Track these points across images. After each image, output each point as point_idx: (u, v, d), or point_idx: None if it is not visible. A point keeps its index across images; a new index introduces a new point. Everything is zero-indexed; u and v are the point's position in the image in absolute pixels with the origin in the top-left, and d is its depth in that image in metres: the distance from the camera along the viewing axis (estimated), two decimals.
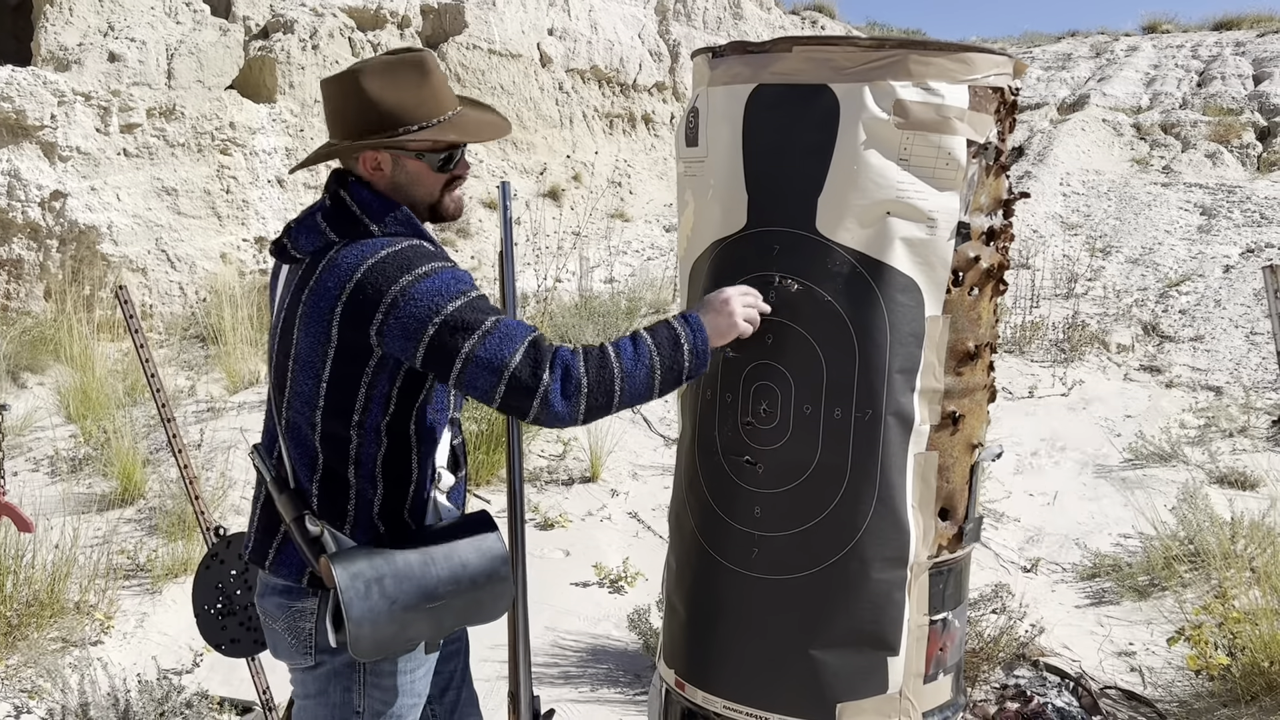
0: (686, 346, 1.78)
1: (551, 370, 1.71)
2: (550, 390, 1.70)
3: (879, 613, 1.86)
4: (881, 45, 1.78)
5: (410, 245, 1.79)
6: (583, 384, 1.72)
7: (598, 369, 1.73)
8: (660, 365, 1.77)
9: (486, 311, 1.74)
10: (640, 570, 4.53)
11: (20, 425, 6.13)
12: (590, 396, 1.72)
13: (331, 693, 1.86)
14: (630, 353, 1.76)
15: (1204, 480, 5.60)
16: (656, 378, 1.77)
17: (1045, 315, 8.94)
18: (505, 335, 1.72)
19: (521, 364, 1.70)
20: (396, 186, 1.87)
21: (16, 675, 3.61)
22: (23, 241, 8.08)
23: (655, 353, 1.77)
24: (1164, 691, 3.65)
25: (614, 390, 1.74)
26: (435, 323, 1.71)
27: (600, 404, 1.74)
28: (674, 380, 1.79)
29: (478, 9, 12.13)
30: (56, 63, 8.48)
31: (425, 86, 1.86)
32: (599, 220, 12.49)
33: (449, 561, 1.80)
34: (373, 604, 1.73)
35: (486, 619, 1.89)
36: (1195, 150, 13.97)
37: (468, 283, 1.78)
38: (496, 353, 1.71)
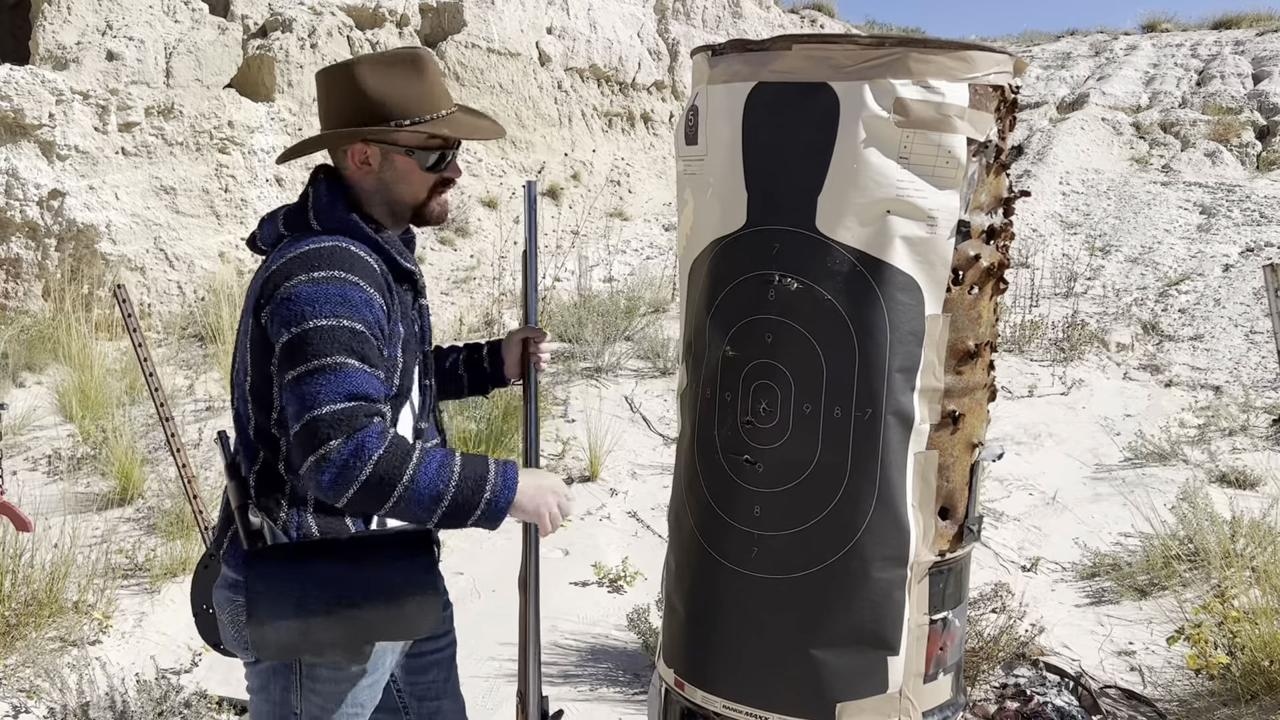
0: (486, 496, 1.68)
1: (345, 442, 1.59)
2: (328, 460, 1.58)
3: (879, 612, 1.86)
4: (881, 43, 1.77)
5: (334, 246, 1.73)
6: (362, 474, 1.59)
7: (388, 469, 1.60)
8: (447, 502, 1.65)
9: (342, 349, 1.64)
10: (639, 569, 4.53)
11: (19, 424, 6.12)
12: (360, 490, 1.60)
13: (272, 690, 1.84)
14: (430, 473, 1.64)
15: (1204, 479, 5.60)
16: (441, 506, 1.65)
17: (1045, 314, 8.94)
18: (331, 384, 1.61)
19: (320, 419, 1.59)
20: (383, 184, 1.84)
21: (15, 675, 3.60)
22: (21, 240, 8.07)
23: (454, 485, 1.65)
24: (1164, 691, 3.64)
25: (390, 497, 1.61)
26: (292, 330, 1.65)
27: (366, 502, 1.61)
28: (456, 518, 1.66)
29: (476, 8, 12.13)
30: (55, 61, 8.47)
31: (420, 82, 1.83)
32: (598, 219, 12.49)
33: (370, 572, 1.73)
34: (278, 606, 1.69)
35: (408, 634, 1.81)
36: (1195, 149, 13.97)
37: (351, 306, 1.67)
38: (310, 394, 1.61)
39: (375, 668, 1.87)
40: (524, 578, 2.07)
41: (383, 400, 1.68)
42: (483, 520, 1.69)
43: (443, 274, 10.48)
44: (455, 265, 10.68)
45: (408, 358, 1.85)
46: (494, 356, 2.18)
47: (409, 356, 1.85)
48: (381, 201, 1.86)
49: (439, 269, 10.52)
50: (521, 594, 2.08)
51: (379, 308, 1.72)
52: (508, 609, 2.36)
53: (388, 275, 1.79)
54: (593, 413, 6.24)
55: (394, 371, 1.81)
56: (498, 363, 2.17)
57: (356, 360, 1.65)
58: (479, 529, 1.71)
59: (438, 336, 8.55)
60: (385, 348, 1.74)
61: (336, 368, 1.63)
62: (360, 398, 1.63)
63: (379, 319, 1.72)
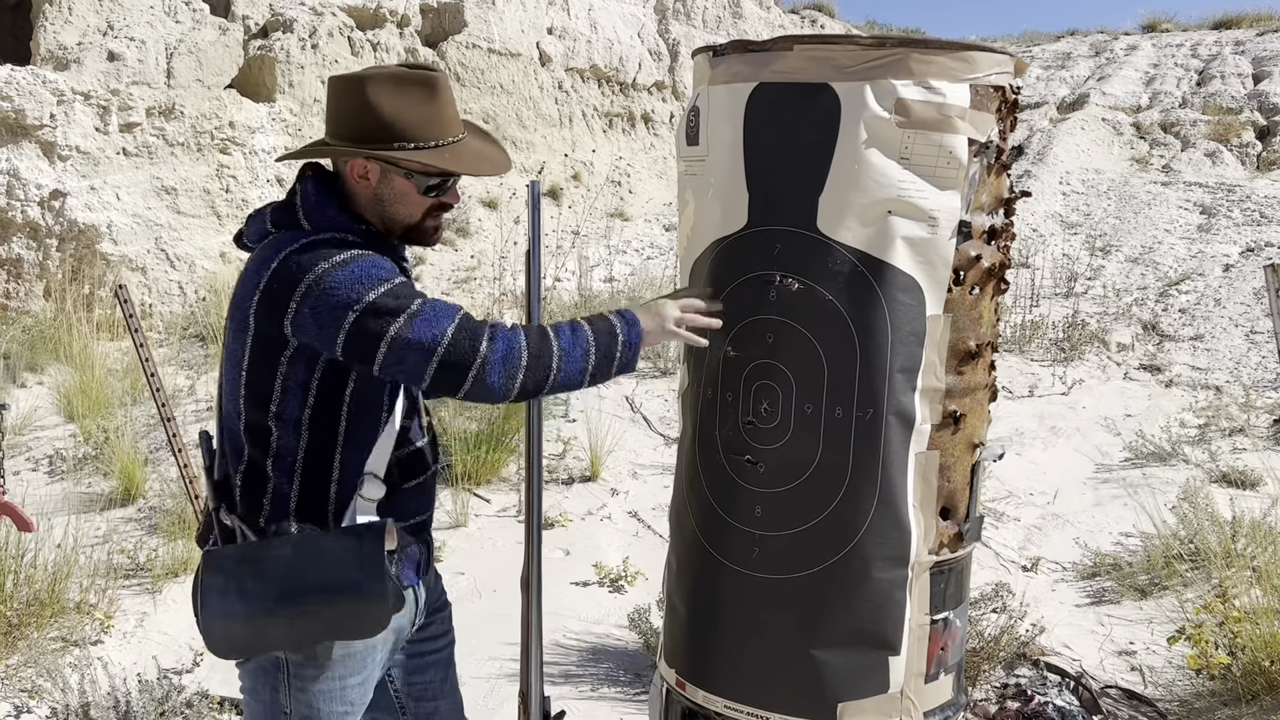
0: (621, 338, 1.79)
1: (491, 342, 1.69)
2: (489, 362, 1.69)
3: (880, 612, 1.86)
4: (883, 44, 1.78)
5: (332, 237, 1.76)
6: (523, 358, 1.71)
7: (538, 344, 1.72)
8: (595, 352, 1.77)
9: (410, 296, 1.71)
10: (640, 569, 4.53)
11: (20, 424, 6.13)
12: (528, 372, 1.71)
13: (261, 690, 1.84)
14: (568, 336, 1.76)
15: (1204, 479, 5.60)
16: (590, 363, 1.76)
17: (1045, 314, 8.94)
18: (434, 315, 1.69)
19: (456, 338, 1.68)
20: (379, 199, 1.84)
21: (17, 675, 3.60)
22: (22, 241, 8.07)
23: (592, 339, 1.77)
24: (1164, 691, 3.65)
25: (551, 368, 1.73)
26: (356, 309, 1.68)
27: (535, 381, 1.73)
28: (605, 369, 1.78)
29: (477, 8, 12.13)
30: (56, 62, 8.48)
31: (430, 106, 1.82)
32: (598, 219, 12.49)
33: (318, 570, 1.72)
34: (228, 604, 1.69)
35: (356, 635, 1.80)
36: (1195, 149, 13.97)
37: (389, 270, 1.74)
38: (426, 332, 1.68)
39: (363, 666, 1.86)
40: (526, 578, 2.08)
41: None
42: (625, 363, 1.80)
43: (443, 274, 10.49)
44: (456, 265, 10.69)
45: None
46: None
47: None
48: (375, 214, 1.85)
49: (440, 269, 10.53)
50: (524, 595, 2.08)
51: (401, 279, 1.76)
52: (509, 609, 2.37)
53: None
54: (593, 413, 6.24)
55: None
56: None
57: (421, 300, 1.71)
58: (623, 375, 1.83)
59: None
60: None
61: (422, 307, 1.70)
62: (457, 311, 1.72)
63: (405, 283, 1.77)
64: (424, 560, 1.99)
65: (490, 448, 5.50)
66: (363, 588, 1.75)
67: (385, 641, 1.90)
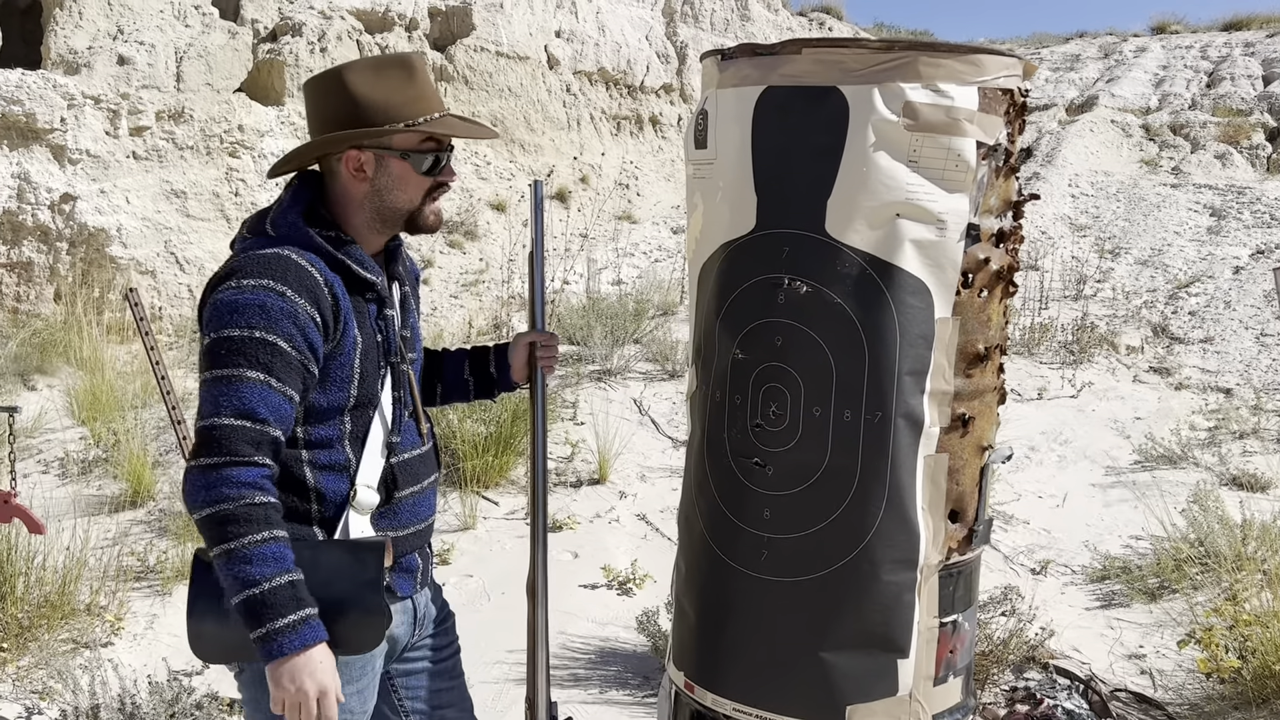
0: (267, 626, 1.61)
1: (217, 464, 1.62)
2: (194, 474, 1.63)
3: (889, 615, 1.86)
4: (891, 47, 1.78)
5: (273, 253, 1.72)
6: (204, 508, 1.62)
7: (225, 521, 1.61)
8: (245, 604, 1.61)
9: (247, 360, 1.65)
10: (649, 572, 4.53)
11: (31, 427, 6.15)
12: (201, 520, 1.62)
13: (261, 700, 1.80)
14: (253, 565, 1.61)
15: (1214, 482, 5.58)
16: (243, 595, 1.61)
17: (1054, 317, 8.92)
18: (228, 395, 1.64)
19: (209, 429, 1.64)
20: (376, 190, 1.82)
21: (28, 676, 3.62)
22: (33, 244, 8.11)
23: (259, 596, 1.61)
24: (1174, 694, 3.63)
25: (217, 543, 1.62)
26: (210, 336, 1.69)
27: (204, 532, 1.63)
28: (249, 619, 1.61)
29: (485, 11, 12.15)
30: (66, 66, 8.52)
31: (412, 85, 1.81)
32: (606, 222, 12.50)
33: (311, 582, 1.67)
34: (217, 609, 1.68)
35: (347, 650, 1.74)
36: (1204, 151, 13.93)
37: (271, 318, 1.67)
38: (209, 401, 1.65)
39: (360, 675, 1.85)
40: (532, 584, 2.07)
41: (275, 423, 1.67)
42: (260, 648, 1.62)
43: (451, 277, 10.50)
44: (464, 268, 10.70)
45: (367, 366, 1.82)
46: (500, 360, 2.16)
47: (368, 365, 1.82)
48: (372, 210, 1.83)
49: (447, 272, 10.54)
50: (530, 600, 2.08)
51: (306, 319, 1.70)
52: (516, 612, 2.37)
53: (335, 285, 1.76)
54: (601, 415, 6.24)
55: (349, 381, 1.79)
56: (504, 367, 2.15)
57: (259, 372, 1.66)
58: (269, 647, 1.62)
59: (447, 340, 8.56)
60: (311, 361, 1.72)
61: (235, 379, 1.65)
62: (244, 415, 1.64)
63: (304, 330, 1.70)
64: (422, 571, 1.97)
65: (499, 450, 5.51)
66: (358, 604, 1.72)
67: (381, 651, 1.89)
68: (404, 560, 1.92)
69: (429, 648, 2.05)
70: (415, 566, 1.95)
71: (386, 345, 1.86)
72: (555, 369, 2.19)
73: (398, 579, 1.91)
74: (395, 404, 1.89)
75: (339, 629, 1.70)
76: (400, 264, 1.98)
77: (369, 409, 1.84)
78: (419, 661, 2.04)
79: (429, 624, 2.04)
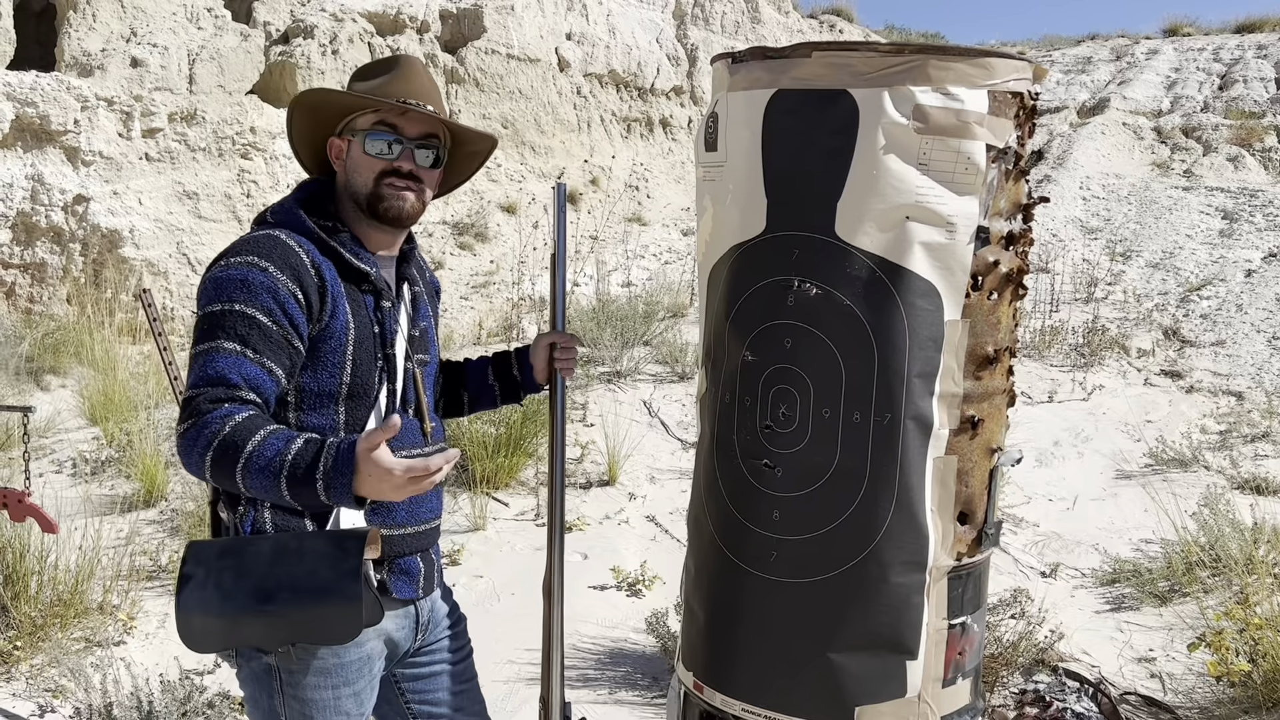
0: (320, 483, 1.62)
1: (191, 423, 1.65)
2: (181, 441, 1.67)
3: (897, 616, 1.86)
4: (901, 50, 1.78)
5: (262, 234, 1.80)
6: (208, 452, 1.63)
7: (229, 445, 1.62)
8: (287, 483, 1.63)
9: (224, 333, 1.70)
10: (658, 573, 4.53)
11: (44, 427, 6.19)
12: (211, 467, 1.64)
13: (259, 697, 1.84)
14: (265, 458, 1.62)
15: (1225, 485, 5.56)
16: (282, 488, 1.63)
17: (1065, 319, 8.90)
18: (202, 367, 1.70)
19: (184, 398, 1.70)
20: (347, 176, 1.90)
21: (41, 675, 3.64)
22: (46, 245, 8.15)
23: (286, 469, 1.62)
24: (1184, 698, 3.63)
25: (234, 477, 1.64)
26: (197, 315, 1.77)
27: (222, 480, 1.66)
28: (302, 499, 1.64)
29: (496, 14, 12.18)
30: (80, 68, 8.56)
31: (391, 78, 1.88)
32: (616, 224, 12.51)
33: (294, 570, 1.69)
34: (206, 595, 1.68)
35: (327, 640, 1.75)
36: (1217, 154, 13.88)
37: (251, 290, 1.72)
38: (189, 377, 1.72)
39: (358, 677, 1.85)
40: (548, 584, 2.08)
41: (249, 387, 1.69)
42: (334, 497, 1.63)
43: (462, 279, 10.53)
44: (474, 270, 10.73)
45: (361, 355, 1.83)
46: (523, 363, 2.17)
47: (362, 354, 1.83)
48: (349, 198, 1.90)
49: (458, 274, 10.57)
50: (545, 601, 2.08)
51: (287, 294, 1.73)
52: (527, 612, 2.38)
53: (323, 268, 1.79)
54: (611, 417, 6.25)
55: (340, 368, 1.81)
56: (527, 369, 2.16)
57: (235, 344, 1.70)
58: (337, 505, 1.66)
59: (456, 341, 8.58)
60: (293, 336, 1.75)
61: (212, 350, 1.70)
62: (216, 381, 1.68)
63: (283, 304, 1.73)
64: (425, 575, 1.96)
65: (509, 452, 5.52)
66: (333, 592, 1.69)
67: (380, 654, 1.90)
68: (401, 562, 1.91)
69: (440, 650, 2.05)
70: (416, 569, 1.94)
71: (383, 338, 1.87)
72: (574, 371, 2.20)
73: (394, 580, 1.90)
74: (389, 397, 1.89)
75: (317, 617, 1.70)
76: (414, 266, 2.01)
77: (365, 401, 1.85)
78: (430, 665, 2.05)
79: (436, 628, 2.04)
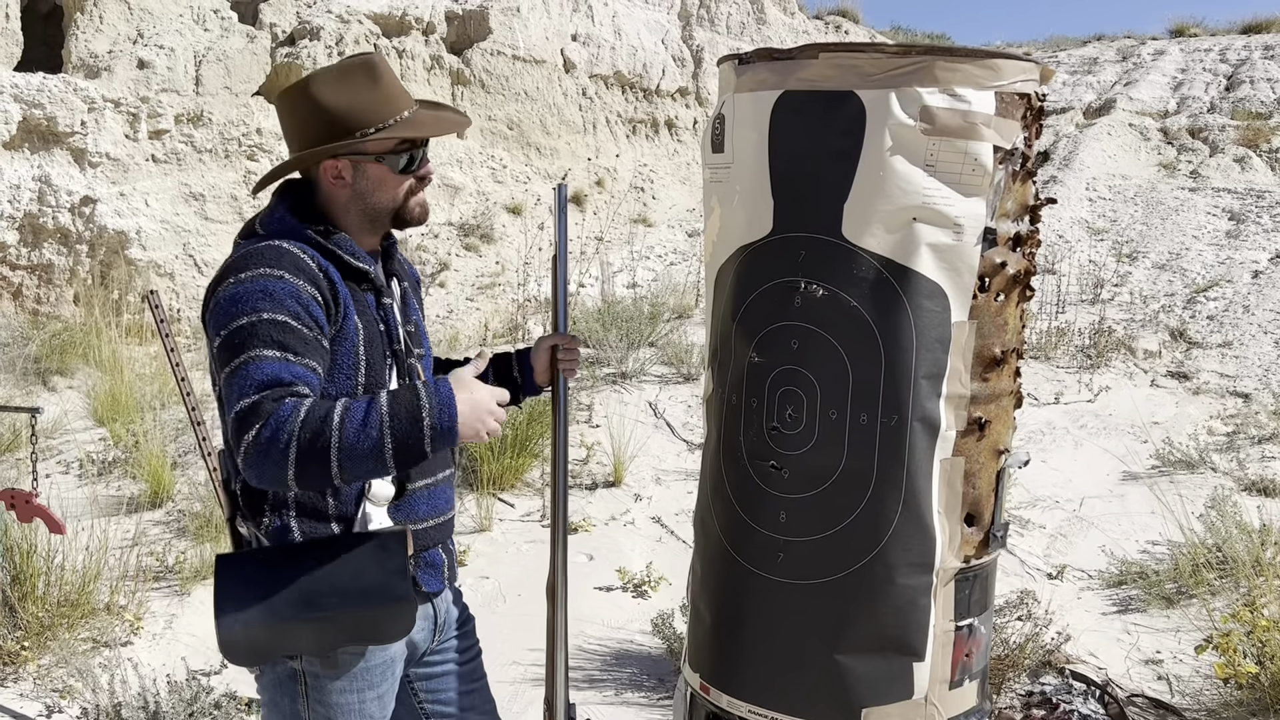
0: (427, 421, 1.62)
1: (261, 429, 1.57)
2: (251, 450, 1.57)
3: (904, 618, 1.86)
4: (908, 52, 1.78)
5: (265, 246, 1.74)
6: (290, 448, 1.57)
7: (313, 434, 1.57)
8: (393, 438, 1.60)
9: (260, 342, 1.64)
10: (664, 575, 4.53)
11: (51, 428, 6.20)
12: (299, 465, 1.57)
13: (281, 702, 1.83)
14: (357, 422, 1.59)
15: (1232, 487, 5.55)
16: (387, 452, 1.60)
17: (1071, 321, 8.88)
18: (245, 378, 1.61)
19: (239, 412, 1.59)
20: (358, 194, 1.85)
21: (49, 675, 3.65)
22: (53, 246, 8.18)
23: (388, 424, 1.61)
24: (1192, 700, 3.62)
25: (329, 462, 1.58)
26: (220, 334, 1.67)
27: (313, 476, 1.59)
28: (410, 455, 1.63)
29: (502, 15, 12.19)
30: (87, 70, 8.59)
31: (377, 89, 1.83)
32: (621, 225, 12.51)
33: (340, 574, 1.71)
34: (247, 610, 1.69)
35: (381, 639, 1.79)
36: (1223, 155, 13.85)
37: (274, 299, 1.67)
38: (232, 390, 1.62)
39: (381, 680, 1.86)
40: (552, 586, 2.09)
41: (303, 384, 1.65)
42: (436, 447, 1.64)
43: (467, 280, 10.54)
44: (480, 271, 10.73)
45: (373, 355, 1.83)
46: (523, 364, 2.17)
47: (374, 354, 1.83)
48: (358, 212, 1.86)
49: (464, 275, 10.57)
50: (550, 602, 2.09)
51: (309, 297, 1.71)
52: (532, 613, 2.38)
53: (330, 271, 1.78)
54: (616, 418, 6.25)
55: (355, 369, 1.80)
56: (527, 371, 2.16)
57: (275, 350, 1.64)
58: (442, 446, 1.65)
59: (463, 343, 8.59)
60: (323, 336, 1.73)
61: (252, 361, 1.63)
62: (270, 385, 1.61)
63: (309, 307, 1.71)
64: (448, 565, 1.99)
65: (515, 453, 5.52)
66: (385, 592, 1.74)
67: (401, 655, 1.91)
68: (427, 555, 1.93)
69: (451, 650, 2.06)
70: (440, 561, 1.96)
71: (389, 335, 1.88)
72: (576, 372, 2.20)
73: (423, 574, 1.92)
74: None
75: (367, 618, 1.73)
76: (395, 262, 2.00)
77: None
78: (441, 665, 2.05)
79: (449, 628, 2.05)
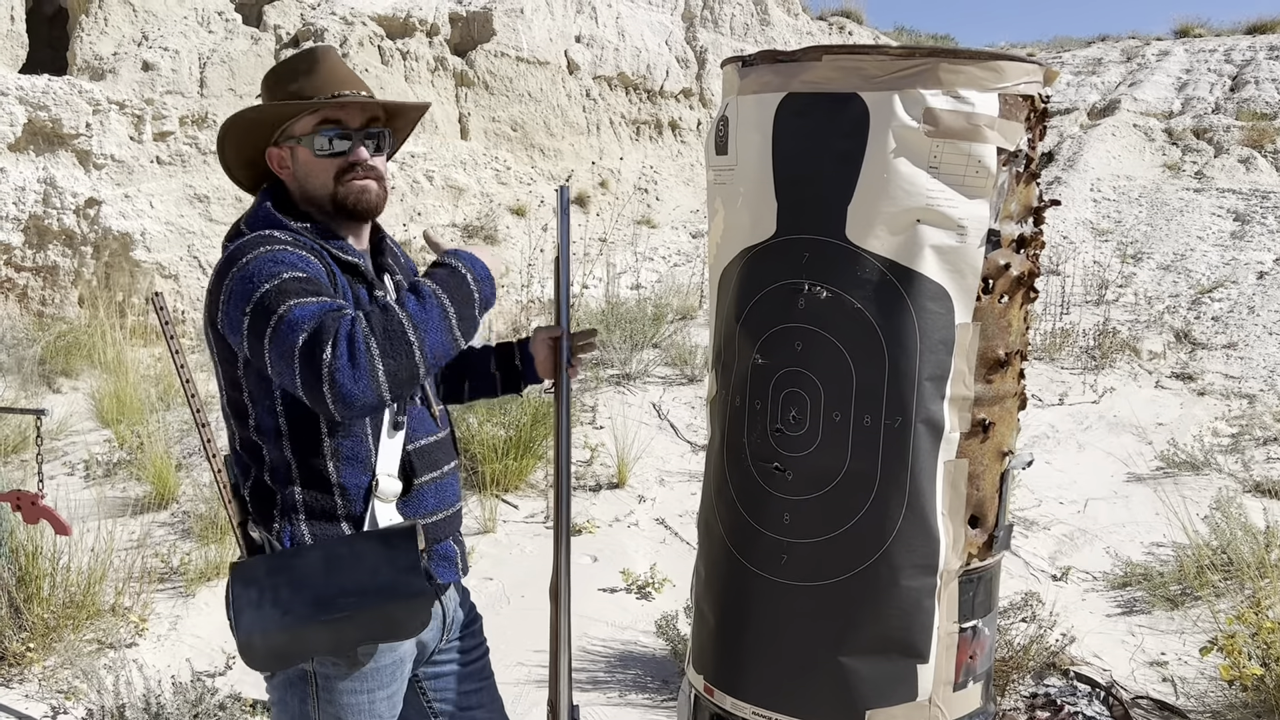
0: (469, 275, 1.70)
1: (334, 345, 1.54)
2: (335, 369, 1.53)
3: (908, 620, 1.86)
4: (911, 54, 1.78)
5: (254, 236, 1.75)
6: (370, 345, 1.55)
7: (383, 324, 1.58)
8: (451, 303, 1.66)
9: (292, 294, 1.62)
10: (668, 576, 4.53)
11: (56, 430, 6.22)
12: (385, 359, 1.56)
13: (290, 703, 1.83)
14: (414, 302, 1.63)
15: (1237, 489, 5.54)
16: (451, 317, 1.65)
17: (1076, 322, 8.87)
18: (293, 320, 1.59)
19: (304, 346, 1.55)
20: (298, 181, 1.86)
21: (54, 676, 3.66)
22: (58, 248, 8.19)
23: (440, 291, 1.65)
24: (1196, 702, 3.61)
25: (410, 342, 1.58)
26: (246, 311, 1.64)
27: (400, 365, 1.57)
28: (470, 313, 1.68)
29: (506, 17, 12.20)
30: (92, 72, 8.61)
31: (312, 74, 1.85)
32: (625, 226, 12.52)
33: (355, 573, 1.71)
34: (264, 614, 1.69)
35: (398, 635, 1.80)
36: (1228, 155, 13.83)
37: (286, 263, 1.67)
38: (285, 339, 1.58)
39: (391, 679, 1.86)
40: (555, 587, 2.09)
41: (348, 308, 1.65)
42: (486, 298, 1.73)
43: None
44: None
45: None
46: (525, 353, 2.19)
47: None
48: (307, 201, 1.87)
49: None
50: (553, 604, 2.09)
51: (315, 265, 1.72)
52: (537, 614, 2.38)
53: (324, 256, 1.79)
54: (620, 419, 6.25)
55: None
56: (529, 360, 2.18)
57: (309, 297, 1.64)
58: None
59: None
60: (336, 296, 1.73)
61: (293, 308, 1.61)
62: (320, 313, 1.60)
63: (318, 273, 1.71)
64: (461, 556, 2.00)
65: (518, 454, 5.53)
66: (401, 588, 1.74)
67: (411, 655, 1.92)
68: (440, 548, 1.94)
69: (458, 650, 2.07)
70: (453, 553, 1.98)
71: None
72: (579, 371, 2.22)
73: (437, 567, 1.92)
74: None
75: (384, 616, 1.74)
76: (388, 256, 2.01)
77: None
78: (448, 664, 2.06)
79: (457, 627, 2.06)
